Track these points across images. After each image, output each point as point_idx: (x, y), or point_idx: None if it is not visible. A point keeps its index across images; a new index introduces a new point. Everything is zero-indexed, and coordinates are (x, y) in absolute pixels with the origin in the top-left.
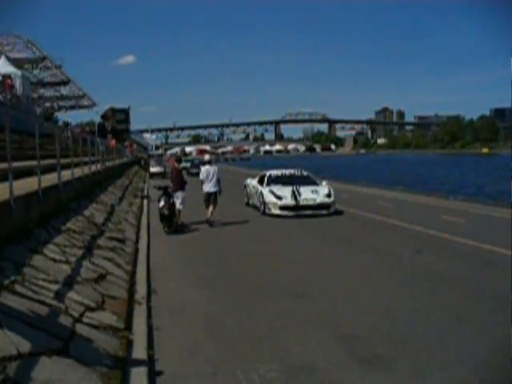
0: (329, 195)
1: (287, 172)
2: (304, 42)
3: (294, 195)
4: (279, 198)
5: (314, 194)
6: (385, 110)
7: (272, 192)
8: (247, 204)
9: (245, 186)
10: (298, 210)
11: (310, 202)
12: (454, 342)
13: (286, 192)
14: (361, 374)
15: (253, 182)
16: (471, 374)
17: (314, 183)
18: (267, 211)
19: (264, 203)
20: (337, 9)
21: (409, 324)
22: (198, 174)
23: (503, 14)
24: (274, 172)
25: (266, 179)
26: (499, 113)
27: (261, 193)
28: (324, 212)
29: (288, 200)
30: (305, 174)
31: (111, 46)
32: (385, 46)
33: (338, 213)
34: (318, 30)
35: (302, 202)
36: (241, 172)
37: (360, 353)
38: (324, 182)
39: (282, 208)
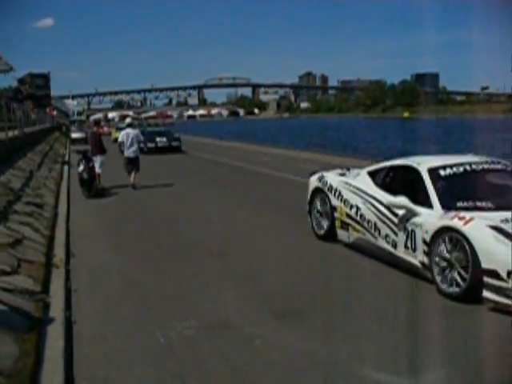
0: None
1: (468, 164)
2: (226, 5)
3: None
4: None
5: None
6: (308, 74)
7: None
8: (325, 236)
9: (316, 192)
10: None
11: None
12: (371, 296)
13: None
14: (275, 328)
15: (364, 188)
16: (384, 327)
17: None
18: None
19: (479, 272)
20: None
21: (327, 279)
22: (154, 150)
23: None
24: (436, 164)
25: (430, 186)
26: (420, 78)
27: (458, 239)
28: None
29: None
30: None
31: (27, 8)
32: (308, 10)
33: None
34: None
35: None
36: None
37: (275, 308)
38: None
39: None
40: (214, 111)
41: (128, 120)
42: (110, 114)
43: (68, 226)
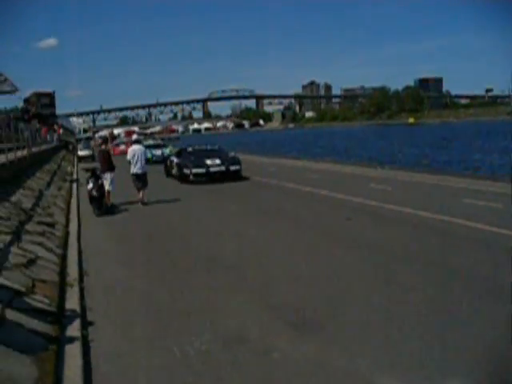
0: None
1: None
2: (227, 18)
3: None
4: None
5: None
6: (312, 83)
7: None
8: None
9: None
10: None
11: None
12: (384, 305)
13: None
14: (293, 340)
15: None
16: (401, 333)
17: None
18: None
19: None
20: None
21: (339, 290)
22: (205, 178)
23: None
24: None
25: None
26: (423, 83)
27: None
28: None
29: None
30: None
31: (30, 28)
32: (309, 20)
33: None
34: (241, 6)
35: None
36: None
37: (292, 320)
38: None
39: None
40: (220, 124)
41: (134, 136)
42: (116, 131)
43: (80, 244)
